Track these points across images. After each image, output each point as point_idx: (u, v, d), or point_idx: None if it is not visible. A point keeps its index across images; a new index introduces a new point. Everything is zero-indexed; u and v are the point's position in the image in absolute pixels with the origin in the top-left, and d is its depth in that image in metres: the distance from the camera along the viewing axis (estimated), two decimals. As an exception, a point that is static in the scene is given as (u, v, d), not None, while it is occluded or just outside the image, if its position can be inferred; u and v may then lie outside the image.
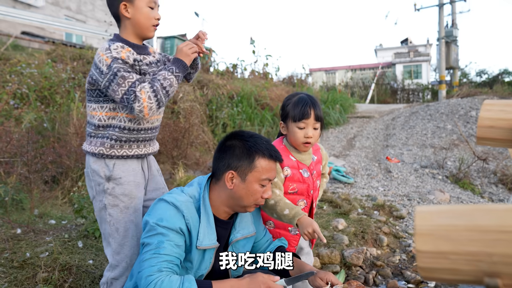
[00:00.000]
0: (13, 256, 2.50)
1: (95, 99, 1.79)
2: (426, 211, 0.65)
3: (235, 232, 1.69)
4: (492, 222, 0.59)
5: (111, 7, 1.89)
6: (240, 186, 1.56)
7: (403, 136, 8.30)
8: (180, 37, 12.32)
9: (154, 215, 1.48)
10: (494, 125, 0.91)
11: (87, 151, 1.83)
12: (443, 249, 0.62)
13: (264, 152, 1.57)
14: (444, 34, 18.09)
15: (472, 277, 0.62)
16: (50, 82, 6.29)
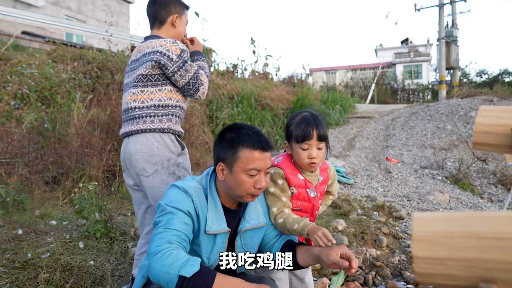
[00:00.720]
0: (15, 257, 2.51)
1: (153, 83, 2.09)
2: (423, 217, 0.67)
3: (244, 222, 1.73)
4: (488, 229, 0.61)
5: (159, 13, 2.24)
6: (229, 177, 1.61)
7: (403, 136, 8.31)
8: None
9: (166, 198, 1.58)
10: (490, 131, 0.92)
11: (152, 128, 2.06)
12: (439, 255, 0.63)
13: (247, 142, 1.59)
14: (444, 34, 18.10)
15: (468, 282, 0.63)
16: (51, 82, 6.30)
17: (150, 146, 2.04)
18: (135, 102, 2.10)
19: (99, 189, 3.01)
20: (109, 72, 7.66)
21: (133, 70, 2.21)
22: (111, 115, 5.02)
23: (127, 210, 3.90)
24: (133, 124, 2.09)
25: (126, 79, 2.27)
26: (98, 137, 4.60)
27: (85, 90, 6.82)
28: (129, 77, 2.24)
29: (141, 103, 2.08)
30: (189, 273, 1.35)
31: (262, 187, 1.62)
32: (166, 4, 2.22)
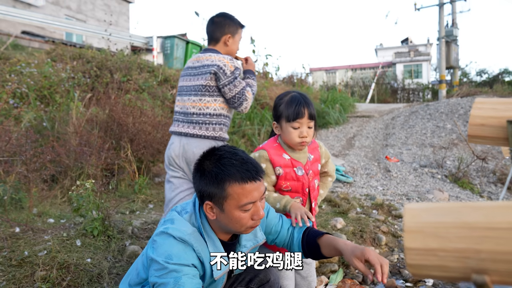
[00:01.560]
0: (12, 255, 2.50)
1: (210, 93, 2.44)
2: (415, 208, 0.66)
3: (240, 247, 1.63)
4: (480, 219, 0.60)
5: (215, 33, 2.58)
6: (221, 216, 1.44)
7: (402, 135, 8.30)
8: (180, 36, 12.33)
9: (160, 252, 1.37)
10: (485, 123, 0.91)
11: (206, 135, 2.46)
12: (431, 246, 0.62)
13: (234, 176, 1.39)
14: (444, 34, 18.09)
15: (460, 274, 0.62)
16: (50, 81, 6.29)
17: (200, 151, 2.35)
18: (194, 108, 2.47)
19: (97, 187, 3.00)
20: (109, 71, 7.65)
21: (191, 76, 2.56)
22: (110, 114, 5.01)
23: (126, 208, 3.89)
24: (194, 128, 2.48)
25: (183, 82, 2.61)
26: (97, 135, 4.60)
27: (84, 89, 6.82)
28: (186, 81, 2.58)
29: (198, 110, 2.46)
30: None
31: (261, 216, 1.47)
32: (221, 25, 2.56)
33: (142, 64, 8.38)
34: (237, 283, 1.80)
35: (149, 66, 8.42)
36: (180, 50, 11.99)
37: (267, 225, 1.74)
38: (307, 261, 2.08)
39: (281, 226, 1.74)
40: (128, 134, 4.67)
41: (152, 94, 7.43)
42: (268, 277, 1.82)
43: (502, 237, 0.57)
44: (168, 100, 7.52)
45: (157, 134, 4.91)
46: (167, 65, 10.48)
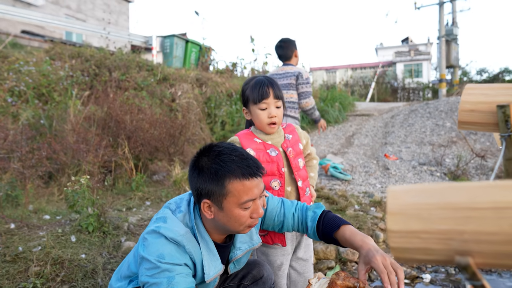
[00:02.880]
0: (6, 251, 2.49)
1: (293, 88, 3.78)
2: (398, 190, 0.64)
3: (235, 250, 1.59)
4: (464, 199, 0.58)
5: (287, 52, 3.88)
6: (219, 214, 1.39)
7: (401, 133, 8.28)
8: (180, 36, 12.32)
9: (151, 251, 1.33)
10: (475, 108, 0.89)
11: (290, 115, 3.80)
12: (414, 228, 0.61)
13: (234, 172, 1.34)
14: (444, 33, 18.05)
15: (444, 256, 0.61)
16: (48, 79, 6.29)
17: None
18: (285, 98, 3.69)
19: (92, 183, 2.99)
20: (107, 69, 7.64)
21: (277, 79, 3.76)
22: (107, 111, 5.00)
23: (122, 205, 3.87)
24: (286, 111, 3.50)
25: None
26: (94, 133, 4.58)
27: (83, 87, 6.81)
28: None
29: (285, 99, 3.70)
30: None
31: (260, 215, 1.42)
32: (289, 46, 3.86)
33: (141, 62, 8.36)
34: (229, 280, 1.78)
35: (148, 65, 8.40)
36: (180, 49, 11.97)
37: (269, 216, 1.69)
38: (303, 257, 2.06)
39: (284, 215, 1.68)
40: (125, 131, 4.66)
41: (151, 92, 7.42)
42: (261, 274, 1.80)
43: (486, 217, 0.56)
44: (167, 99, 7.51)
45: (155, 132, 4.90)
46: (166, 64, 10.47)
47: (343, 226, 1.54)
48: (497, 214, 0.55)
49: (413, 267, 3.43)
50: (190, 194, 1.53)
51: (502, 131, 0.90)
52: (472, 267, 0.58)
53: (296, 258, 2.04)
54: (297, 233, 1.99)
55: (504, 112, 0.88)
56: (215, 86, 8.85)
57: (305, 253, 2.05)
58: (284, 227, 1.70)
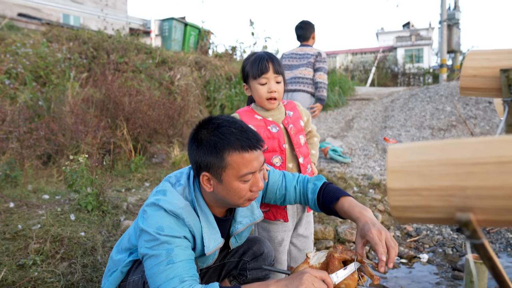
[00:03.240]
0: (5, 228, 2.50)
1: (311, 67, 4.11)
2: (399, 148, 0.63)
3: (236, 224, 1.58)
4: (466, 155, 0.57)
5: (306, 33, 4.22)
6: (219, 187, 1.38)
7: (401, 117, 8.26)
8: (179, 19, 12.18)
9: (151, 223, 1.33)
10: (477, 74, 0.88)
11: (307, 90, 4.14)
12: (415, 185, 0.60)
13: (234, 144, 1.32)
14: (446, 17, 17.84)
15: (444, 214, 0.60)
16: (46, 62, 6.23)
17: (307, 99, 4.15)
18: (301, 74, 4.11)
19: (91, 162, 2.98)
20: (105, 52, 7.57)
21: (297, 58, 4.17)
22: (106, 93, 4.97)
23: (121, 186, 3.88)
24: (300, 86, 4.11)
25: (290, 62, 4.20)
26: (93, 114, 4.56)
27: (81, 70, 6.76)
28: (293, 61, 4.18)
29: (304, 75, 4.11)
30: None
31: (260, 188, 1.41)
32: (308, 28, 4.22)
33: (139, 45, 8.29)
34: (230, 255, 1.78)
35: (146, 48, 8.33)
36: (179, 33, 11.85)
37: (270, 190, 1.68)
38: (304, 234, 2.07)
39: (285, 188, 1.67)
40: (124, 113, 4.64)
41: (150, 75, 7.37)
42: (261, 250, 1.80)
43: (489, 172, 0.55)
44: (166, 81, 7.46)
45: (153, 113, 4.87)
46: (165, 47, 10.37)
47: (342, 198, 1.53)
48: (501, 168, 0.54)
49: (410, 247, 3.46)
50: (190, 168, 1.52)
51: (505, 96, 0.88)
52: (473, 223, 0.57)
53: (297, 235, 2.05)
54: (298, 210, 1.99)
55: (507, 76, 0.87)
56: (214, 70, 8.79)
57: (306, 230, 2.06)
58: (286, 200, 1.69)
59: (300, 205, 2.00)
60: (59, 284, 2.11)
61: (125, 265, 1.51)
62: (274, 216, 1.89)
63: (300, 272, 1.29)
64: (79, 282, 2.17)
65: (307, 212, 2.04)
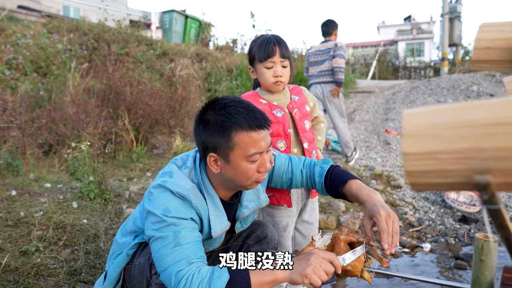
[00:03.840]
0: (8, 216, 2.49)
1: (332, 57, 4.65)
2: (414, 112, 0.62)
3: (242, 208, 1.57)
4: (484, 116, 0.55)
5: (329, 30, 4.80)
6: (226, 168, 1.36)
7: (403, 110, 8.23)
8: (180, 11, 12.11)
9: (157, 205, 1.31)
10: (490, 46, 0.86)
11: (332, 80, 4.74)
12: (431, 149, 0.58)
13: (241, 124, 1.30)
14: (448, 10, 17.75)
15: (462, 177, 0.58)
16: (46, 53, 6.20)
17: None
18: (326, 67, 4.71)
19: (93, 150, 2.97)
20: (106, 43, 7.53)
21: (321, 54, 4.78)
22: (107, 83, 4.95)
23: (123, 176, 3.87)
24: (328, 77, 4.71)
25: (316, 58, 4.84)
26: (94, 104, 4.54)
27: (81, 61, 6.73)
28: (319, 57, 4.81)
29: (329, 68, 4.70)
30: (221, 286, 1.22)
31: (267, 169, 1.38)
32: (331, 25, 4.77)
33: (140, 37, 8.25)
34: (233, 239, 1.77)
35: (147, 39, 8.29)
36: (179, 25, 11.79)
37: (276, 174, 1.67)
38: (309, 220, 2.06)
39: (292, 172, 1.66)
40: (125, 103, 4.62)
41: (151, 66, 7.34)
42: (265, 234, 1.79)
43: (508, 132, 0.53)
44: (167, 73, 7.43)
45: (155, 103, 4.84)
46: (166, 39, 10.32)
47: (350, 181, 1.52)
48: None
49: (413, 237, 3.45)
50: (196, 151, 1.50)
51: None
52: (492, 186, 0.56)
53: (302, 221, 2.04)
54: (302, 195, 1.98)
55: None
56: (215, 62, 8.75)
57: (311, 216, 2.05)
58: (293, 184, 1.68)
59: (305, 191, 1.99)
60: (62, 270, 2.11)
61: (130, 248, 1.50)
62: (278, 201, 1.88)
63: (307, 253, 1.28)
64: (82, 268, 2.16)
65: (312, 198, 2.03)
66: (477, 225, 3.69)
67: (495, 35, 0.86)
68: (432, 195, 4.29)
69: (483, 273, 1.05)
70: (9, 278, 1.98)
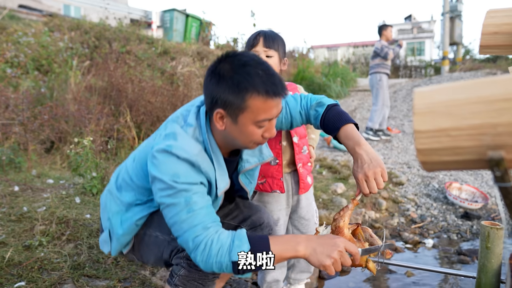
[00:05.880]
0: (11, 211, 2.49)
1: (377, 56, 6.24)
2: (426, 90, 0.61)
3: (243, 163, 1.51)
4: (496, 91, 0.55)
5: (380, 31, 6.37)
6: (231, 127, 1.30)
7: (404, 108, 8.24)
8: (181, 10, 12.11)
9: (165, 171, 1.24)
10: (498, 31, 0.86)
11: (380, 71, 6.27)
12: (443, 126, 0.58)
13: (259, 88, 1.22)
14: (448, 9, 17.73)
15: (474, 154, 0.58)
16: (48, 51, 6.20)
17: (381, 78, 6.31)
18: (373, 63, 6.27)
19: (95, 145, 2.97)
20: (107, 42, 7.54)
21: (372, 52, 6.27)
22: (109, 80, 4.95)
23: (125, 173, 3.86)
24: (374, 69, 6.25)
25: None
26: (96, 101, 4.54)
27: (83, 59, 6.73)
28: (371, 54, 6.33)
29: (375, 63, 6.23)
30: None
31: (272, 135, 1.33)
32: (381, 28, 6.13)
33: (141, 35, 8.25)
34: (230, 217, 1.73)
35: (148, 38, 8.30)
36: (180, 24, 11.79)
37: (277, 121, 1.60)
38: (306, 216, 2.04)
39: (290, 115, 1.59)
40: (127, 100, 4.62)
41: (152, 65, 7.34)
42: (261, 221, 1.74)
43: (522, 107, 0.53)
44: (168, 71, 7.43)
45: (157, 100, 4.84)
46: (167, 38, 10.32)
47: (342, 128, 1.47)
48: (534, 102, 0.52)
49: (415, 233, 3.45)
50: (196, 106, 1.41)
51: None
52: (505, 162, 0.56)
53: (299, 217, 2.03)
54: (293, 190, 1.97)
55: (530, 31, 0.85)
56: (216, 60, 8.74)
57: (308, 213, 2.04)
58: (294, 125, 1.61)
59: (295, 185, 1.96)
60: (66, 264, 2.10)
61: (140, 219, 1.45)
62: (271, 187, 1.86)
63: (333, 237, 1.25)
64: (85, 263, 2.16)
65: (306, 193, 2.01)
66: (479, 221, 3.68)
67: (502, 20, 0.86)
68: (434, 192, 4.29)
69: (490, 260, 1.05)
70: (12, 272, 1.98)
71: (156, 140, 1.33)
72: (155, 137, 1.40)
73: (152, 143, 1.36)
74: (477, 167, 0.61)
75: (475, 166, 0.61)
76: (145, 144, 1.47)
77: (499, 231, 1.04)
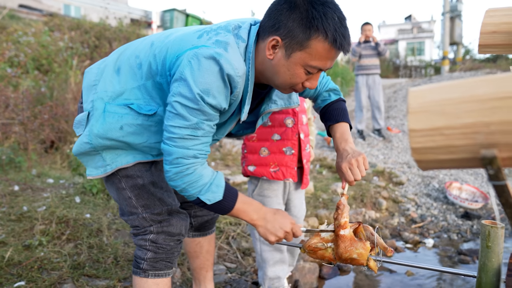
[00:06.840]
0: (11, 210, 2.50)
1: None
2: (419, 89, 0.62)
3: (270, 102, 1.45)
4: (490, 90, 0.56)
5: None
6: (281, 61, 1.20)
7: (404, 108, 8.23)
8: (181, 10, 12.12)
9: (200, 80, 1.13)
10: (497, 30, 0.87)
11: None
12: (437, 124, 0.59)
13: (329, 31, 1.13)
14: (448, 9, 17.74)
15: (468, 153, 0.59)
16: (48, 51, 6.21)
17: None
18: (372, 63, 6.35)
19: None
20: (107, 41, 7.55)
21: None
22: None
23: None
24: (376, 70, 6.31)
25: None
26: (95, 102, 4.54)
27: (83, 59, 6.74)
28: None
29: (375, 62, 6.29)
30: (210, 200, 1.23)
31: (313, 87, 1.28)
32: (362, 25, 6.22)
33: (141, 35, 8.26)
34: None
35: (148, 38, 8.30)
36: (180, 23, 11.80)
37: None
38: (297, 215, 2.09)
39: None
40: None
41: (152, 65, 7.34)
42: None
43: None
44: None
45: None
46: (167, 38, 10.32)
47: (340, 123, 1.51)
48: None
49: (415, 233, 3.45)
50: (249, 23, 1.29)
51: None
52: (498, 160, 0.56)
53: (290, 215, 2.08)
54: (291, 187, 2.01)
55: (527, 30, 0.86)
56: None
57: (299, 212, 2.10)
58: (305, 93, 1.58)
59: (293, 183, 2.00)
60: (66, 264, 2.11)
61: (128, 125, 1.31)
62: (284, 175, 1.91)
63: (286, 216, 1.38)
64: (85, 262, 2.17)
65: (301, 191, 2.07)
66: (480, 221, 3.69)
67: (501, 19, 0.87)
68: (434, 191, 4.29)
69: (490, 259, 1.05)
70: (12, 271, 1.99)
71: (202, 41, 1.20)
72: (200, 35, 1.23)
73: (194, 42, 1.21)
74: (471, 166, 0.62)
75: (469, 164, 0.61)
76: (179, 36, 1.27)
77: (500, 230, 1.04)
